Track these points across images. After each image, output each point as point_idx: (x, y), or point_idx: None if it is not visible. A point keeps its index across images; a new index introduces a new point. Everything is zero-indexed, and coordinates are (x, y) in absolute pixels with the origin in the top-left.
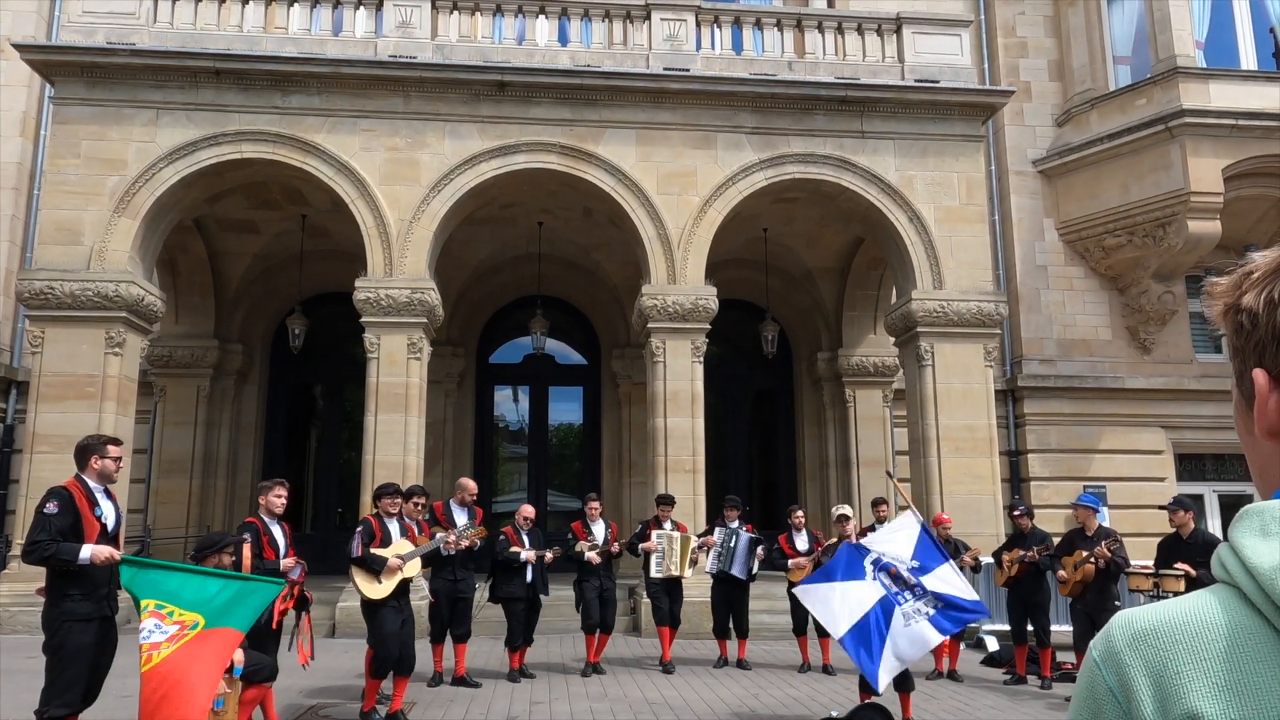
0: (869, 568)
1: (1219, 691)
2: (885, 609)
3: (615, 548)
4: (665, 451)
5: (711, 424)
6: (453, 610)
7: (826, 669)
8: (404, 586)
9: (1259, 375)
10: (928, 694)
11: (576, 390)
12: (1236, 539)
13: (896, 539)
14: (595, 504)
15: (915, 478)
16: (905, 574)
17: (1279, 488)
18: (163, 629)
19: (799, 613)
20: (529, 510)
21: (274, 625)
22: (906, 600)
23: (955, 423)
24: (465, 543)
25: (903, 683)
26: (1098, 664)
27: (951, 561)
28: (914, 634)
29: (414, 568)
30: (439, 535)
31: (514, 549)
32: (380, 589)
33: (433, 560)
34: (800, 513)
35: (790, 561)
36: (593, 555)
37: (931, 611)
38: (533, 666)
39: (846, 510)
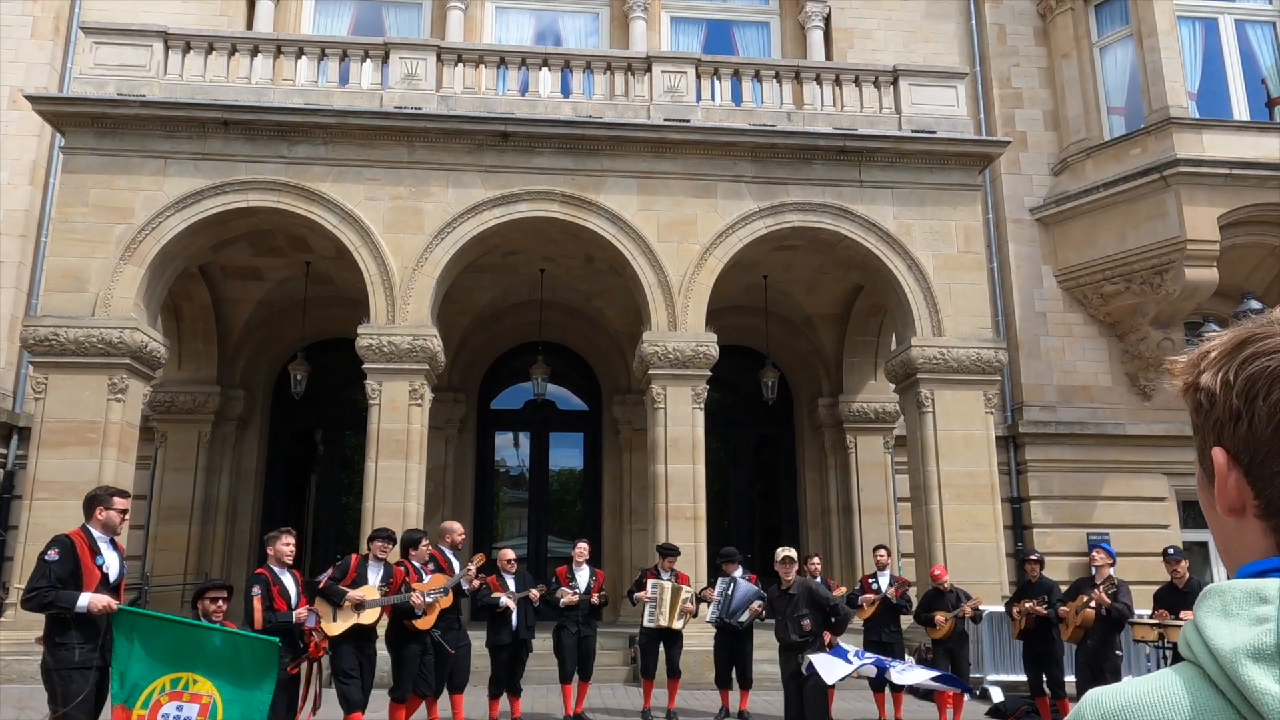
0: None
1: None
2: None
3: (596, 598)
4: (666, 498)
5: (712, 470)
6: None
7: None
8: (359, 632)
9: (1218, 454)
10: None
11: (578, 436)
12: (1200, 618)
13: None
14: (582, 547)
15: (917, 525)
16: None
17: (1243, 565)
18: (184, 710)
19: None
20: (509, 553)
21: (291, 670)
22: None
23: (956, 469)
24: (434, 599)
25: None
26: None
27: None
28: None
29: (370, 616)
30: (415, 591)
31: (495, 594)
32: (334, 627)
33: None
34: (817, 560)
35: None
36: (571, 598)
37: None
38: (527, 718)
39: (790, 552)
